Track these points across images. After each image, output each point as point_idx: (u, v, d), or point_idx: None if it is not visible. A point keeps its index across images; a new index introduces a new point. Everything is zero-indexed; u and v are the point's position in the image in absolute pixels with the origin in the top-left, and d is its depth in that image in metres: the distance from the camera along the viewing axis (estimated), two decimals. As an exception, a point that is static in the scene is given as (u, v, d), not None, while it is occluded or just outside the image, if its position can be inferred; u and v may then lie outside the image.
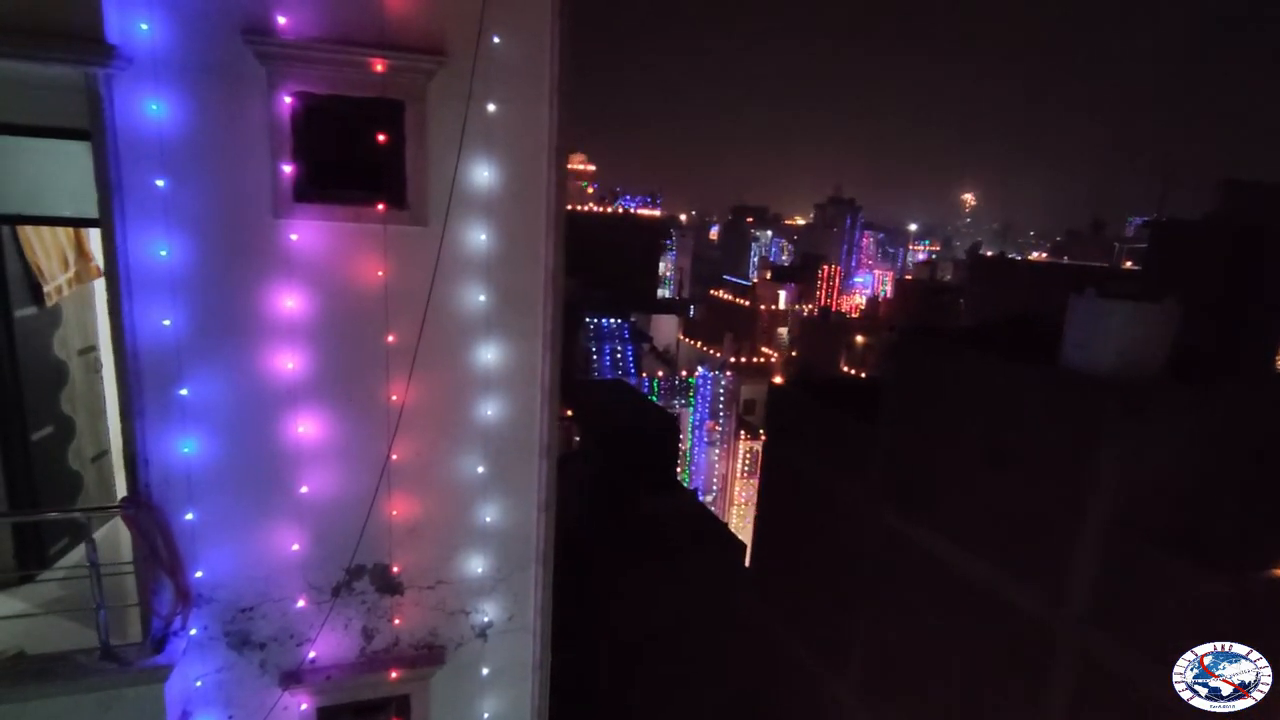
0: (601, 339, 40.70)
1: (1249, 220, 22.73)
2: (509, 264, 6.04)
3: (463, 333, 6.03)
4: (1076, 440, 11.30)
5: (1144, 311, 11.76)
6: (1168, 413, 11.13)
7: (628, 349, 40.54)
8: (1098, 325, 11.95)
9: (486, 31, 5.49)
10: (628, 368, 40.24)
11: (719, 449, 41.79)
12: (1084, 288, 12.12)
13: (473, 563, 6.55)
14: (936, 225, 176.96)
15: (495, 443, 6.34)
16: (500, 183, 5.88)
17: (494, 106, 5.71)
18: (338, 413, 5.86)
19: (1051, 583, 11.67)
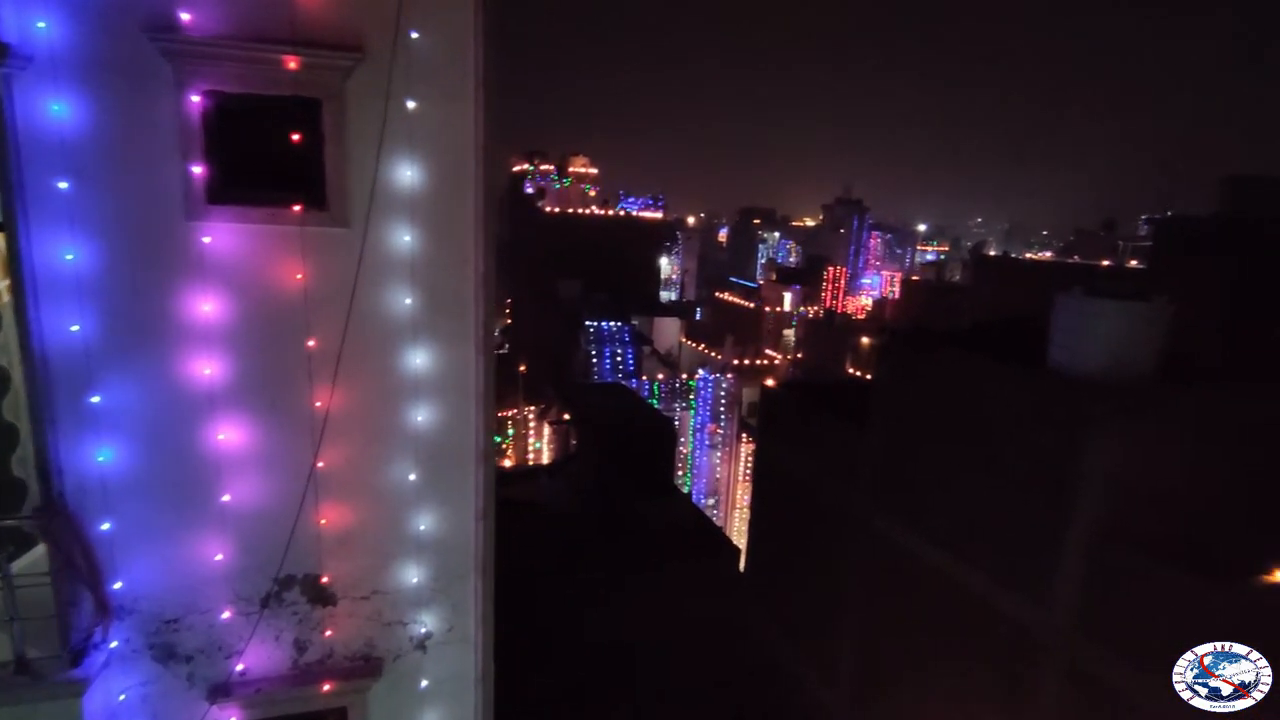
0: (602, 342, 40.55)
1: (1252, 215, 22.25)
2: (437, 266, 5.88)
3: (389, 337, 5.87)
4: (1062, 443, 11.01)
5: (1132, 310, 11.45)
6: (1156, 415, 10.83)
7: (628, 352, 40.37)
8: (1085, 325, 11.66)
9: (404, 27, 5.33)
10: (628, 371, 40.06)
11: (720, 452, 41.51)
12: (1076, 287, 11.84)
13: (408, 572, 6.38)
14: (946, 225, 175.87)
15: (428, 449, 6.17)
16: (425, 182, 5.72)
17: (416, 104, 5.55)
18: (260, 419, 5.71)
19: (1039, 590, 11.39)
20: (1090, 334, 11.55)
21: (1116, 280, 29.53)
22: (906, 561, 14.09)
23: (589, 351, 40.01)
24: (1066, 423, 10.95)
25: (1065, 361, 11.72)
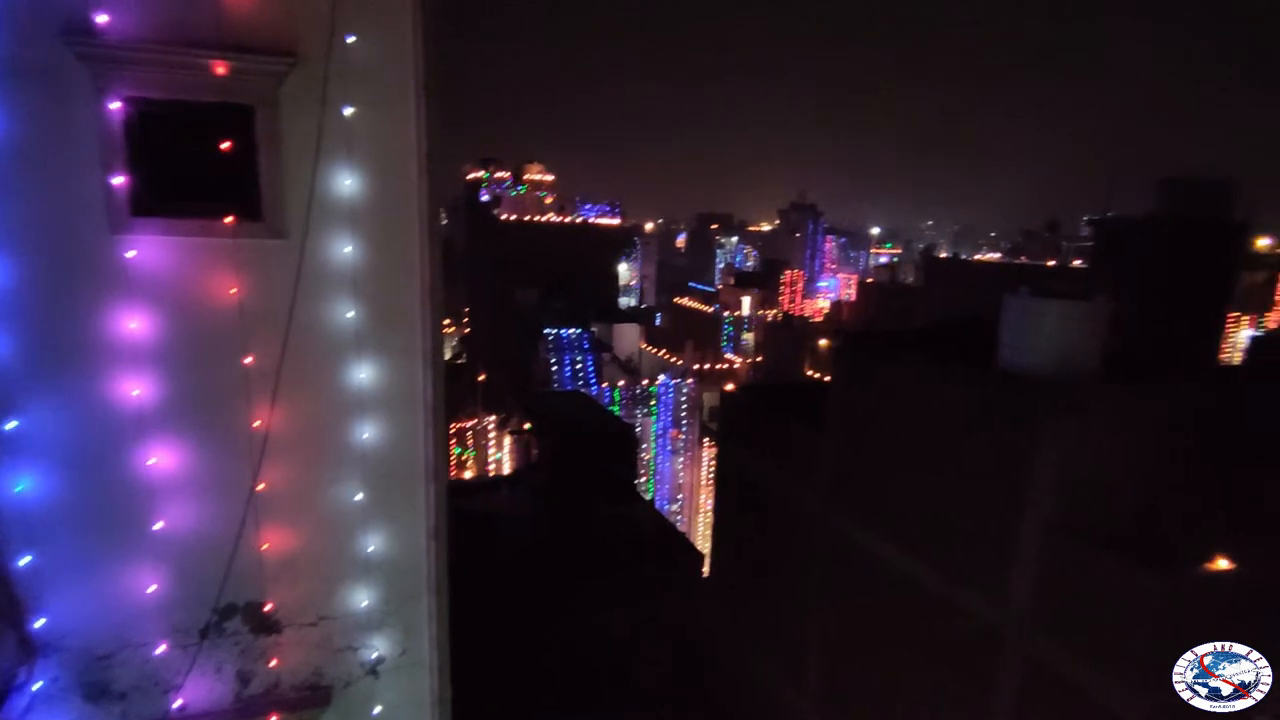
0: (561, 350, 40.26)
1: (1187, 215, 23.16)
2: (380, 277, 5.68)
3: (331, 351, 5.65)
4: (1013, 441, 11.21)
5: (1075, 309, 11.72)
6: (1102, 411, 11.09)
7: (588, 359, 40.16)
8: (1031, 325, 11.90)
9: (340, 30, 5.15)
10: (588, 378, 39.86)
11: (683, 457, 41.54)
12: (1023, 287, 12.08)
13: (357, 595, 6.15)
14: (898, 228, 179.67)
15: (375, 468, 5.95)
16: (366, 191, 5.52)
17: (354, 110, 5.36)
18: (194, 441, 5.44)
19: (995, 586, 11.56)
20: (1036, 333, 11.80)
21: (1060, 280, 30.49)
22: (867, 561, 14.21)
23: (548, 359, 39.70)
24: (1016, 420, 11.16)
25: (1013, 360, 11.95)
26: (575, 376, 40.18)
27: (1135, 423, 11.33)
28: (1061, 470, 10.71)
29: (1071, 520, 10.69)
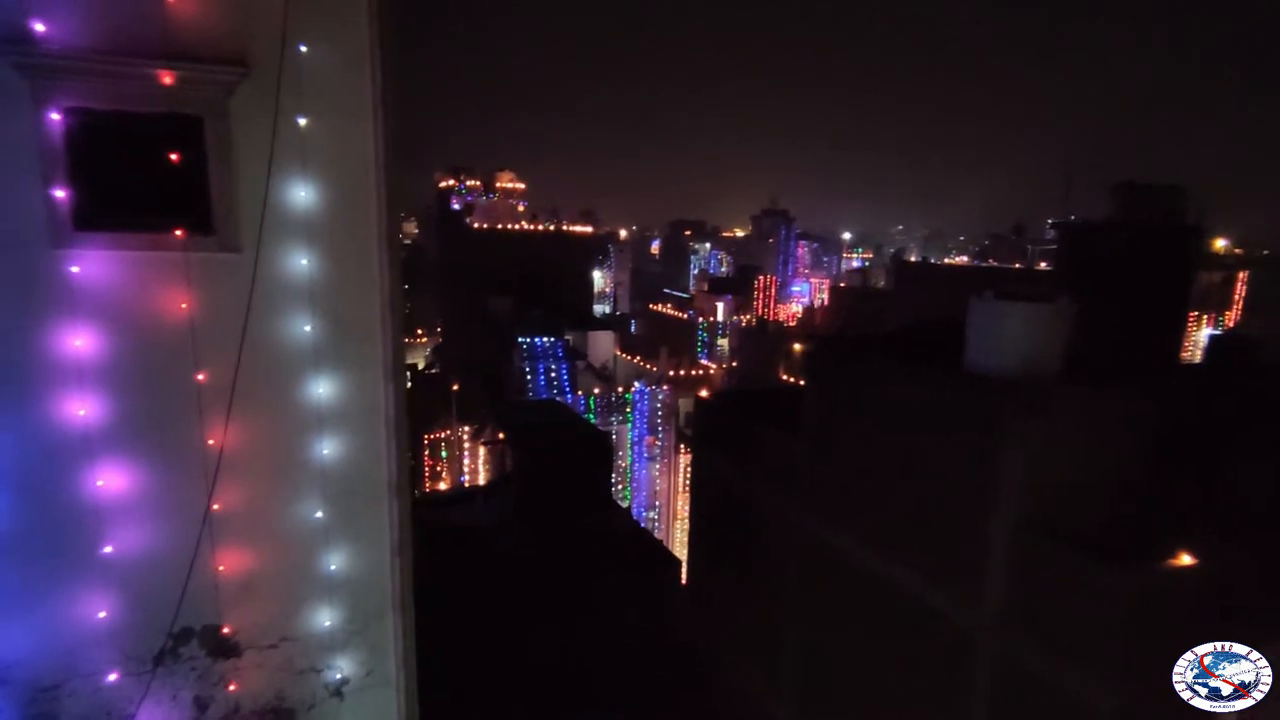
0: (535, 358, 40.06)
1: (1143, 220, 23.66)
2: (339, 290, 5.57)
3: (289, 367, 5.52)
4: (981, 442, 11.31)
5: (1039, 312, 11.88)
6: (1067, 411, 11.24)
7: (562, 367, 40.00)
8: (996, 327, 12.04)
9: (292, 40, 5.04)
10: (563, 386, 39.68)
11: (659, 464, 41.49)
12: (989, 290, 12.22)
13: (320, 615, 6.00)
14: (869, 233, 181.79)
15: (337, 484, 5.82)
16: (322, 203, 5.41)
17: (308, 120, 5.25)
18: (145, 461, 5.27)
19: (967, 586, 11.64)
20: (1001, 335, 11.94)
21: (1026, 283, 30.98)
22: (842, 565, 14.23)
23: (522, 368, 39.46)
24: (982, 421, 11.27)
25: (979, 362, 12.09)
26: (550, 385, 39.96)
27: (1099, 422, 11.52)
28: (1027, 470, 10.84)
29: (1039, 519, 10.81)
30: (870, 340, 17.92)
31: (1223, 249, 68.00)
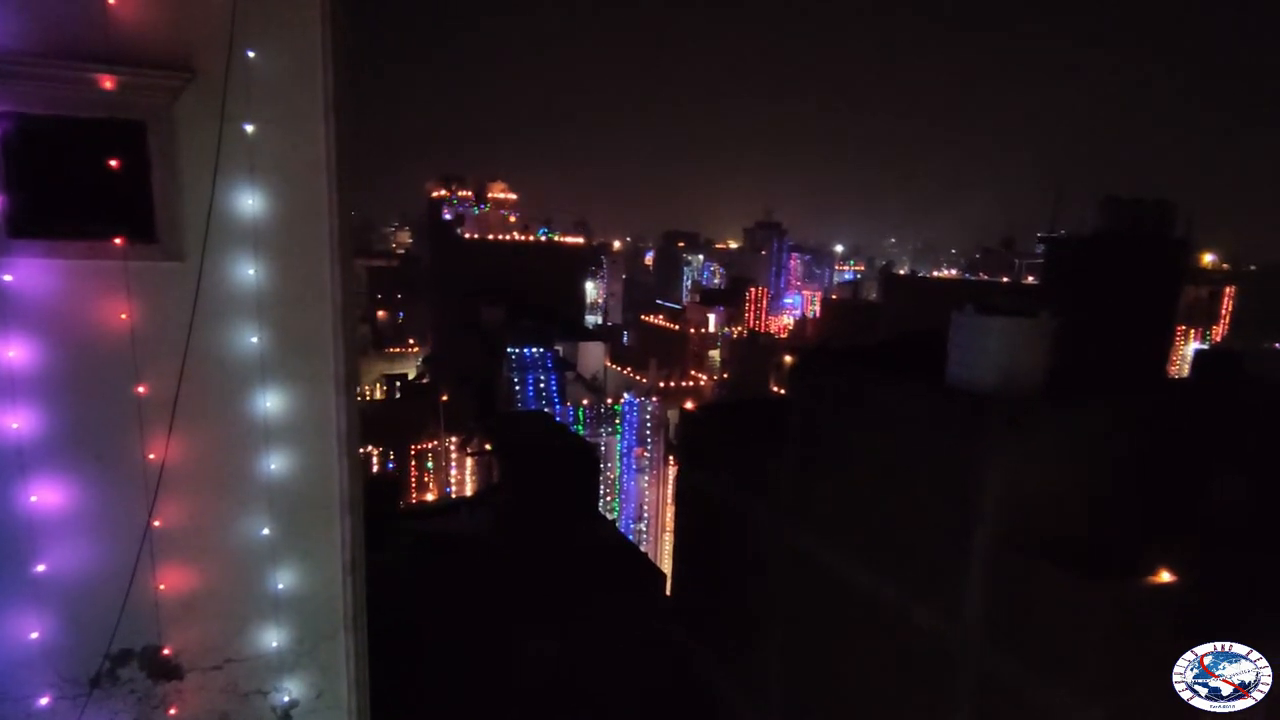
0: (524, 369, 39.89)
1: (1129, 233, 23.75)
2: (288, 301, 5.42)
3: (235, 379, 5.37)
4: (963, 456, 11.23)
5: (1020, 326, 11.83)
6: (1047, 426, 11.17)
7: (551, 378, 39.84)
8: (977, 341, 11.99)
9: (239, 44, 4.93)
10: (551, 397, 39.52)
11: (648, 476, 41.29)
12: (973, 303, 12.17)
13: (267, 636, 5.81)
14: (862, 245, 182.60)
15: (285, 500, 5.66)
16: (271, 211, 5.28)
17: (256, 127, 5.13)
18: (82, 476, 5.10)
19: (948, 600, 11.53)
20: (982, 349, 11.87)
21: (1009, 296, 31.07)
22: (827, 579, 14.08)
23: (511, 379, 39.28)
24: (962, 435, 11.19)
25: (961, 376, 12.01)
26: (539, 396, 39.78)
27: (1079, 437, 11.45)
28: (1007, 484, 10.75)
29: (1020, 533, 10.72)
30: (854, 352, 17.84)
31: (1210, 264, 68.50)
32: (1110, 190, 26.15)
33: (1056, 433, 11.28)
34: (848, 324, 61.37)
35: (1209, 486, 13.30)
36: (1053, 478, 11.13)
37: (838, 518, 13.86)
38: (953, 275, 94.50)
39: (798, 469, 15.02)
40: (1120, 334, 22.76)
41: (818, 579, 14.39)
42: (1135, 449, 11.83)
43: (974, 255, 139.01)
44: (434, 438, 40.53)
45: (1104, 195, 26.07)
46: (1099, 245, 25.52)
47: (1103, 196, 26.14)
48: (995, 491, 10.88)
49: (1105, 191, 25.18)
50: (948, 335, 12.58)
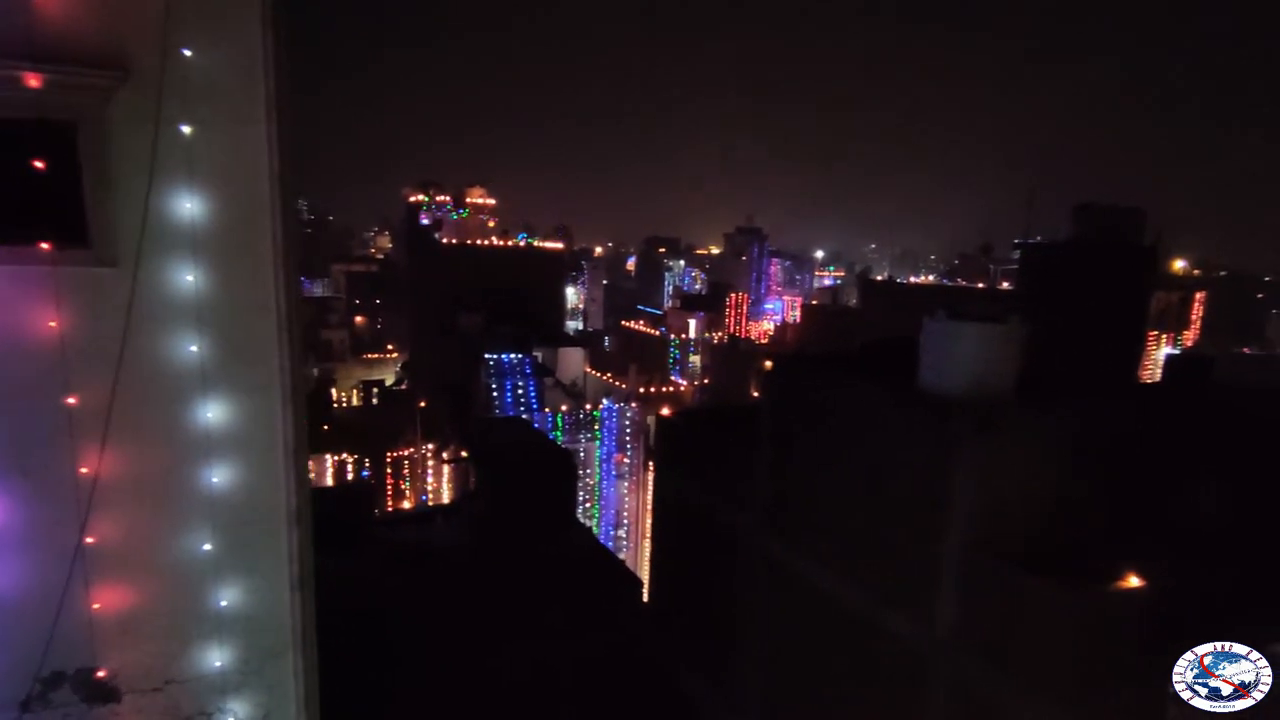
0: (503, 375, 39.59)
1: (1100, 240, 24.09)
2: (231, 308, 5.24)
3: (173, 389, 5.17)
4: (933, 462, 11.21)
5: (990, 332, 11.86)
6: (1017, 431, 11.19)
7: (530, 384, 39.59)
8: (947, 347, 12.00)
9: (174, 43, 4.75)
10: (530, 403, 39.26)
11: (628, 482, 41.12)
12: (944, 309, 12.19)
13: (210, 655, 5.60)
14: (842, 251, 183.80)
15: (228, 514, 5.46)
16: (211, 216, 5.10)
17: (194, 128, 4.95)
18: (7, 491, 4.88)
19: (921, 606, 11.49)
20: (953, 355, 11.89)
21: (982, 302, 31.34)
22: (801, 586, 14.02)
23: (490, 385, 38.98)
24: (933, 441, 11.17)
25: (932, 381, 12.02)
26: (517, 402, 39.48)
27: (1049, 441, 11.48)
28: (979, 489, 10.74)
29: (992, 539, 10.71)
30: (828, 358, 17.85)
31: (1181, 269, 69.73)
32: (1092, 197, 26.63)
33: (1027, 437, 11.29)
34: (827, 329, 61.66)
35: (1179, 490, 13.41)
36: (1023, 482, 11.13)
37: (812, 524, 13.80)
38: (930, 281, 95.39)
39: (772, 476, 14.96)
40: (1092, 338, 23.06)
41: (793, 586, 14.31)
42: (1105, 453, 11.88)
43: (952, 261, 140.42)
44: (411, 445, 40.12)
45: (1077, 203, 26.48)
46: (1071, 252, 25.91)
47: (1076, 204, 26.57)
48: (966, 496, 10.87)
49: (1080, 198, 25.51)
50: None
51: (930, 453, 11.22)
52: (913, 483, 11.48)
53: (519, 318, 50.18)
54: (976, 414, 10.82)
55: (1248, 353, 56.07)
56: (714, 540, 17.20)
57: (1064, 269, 25.41)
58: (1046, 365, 13.74)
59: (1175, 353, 48.75)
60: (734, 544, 16.12)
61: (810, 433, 13.86)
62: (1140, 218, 25.41)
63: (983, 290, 44.34)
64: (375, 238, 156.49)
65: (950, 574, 11.04)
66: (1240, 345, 63.55)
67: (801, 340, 67.94)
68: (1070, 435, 11.71)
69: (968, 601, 10.89)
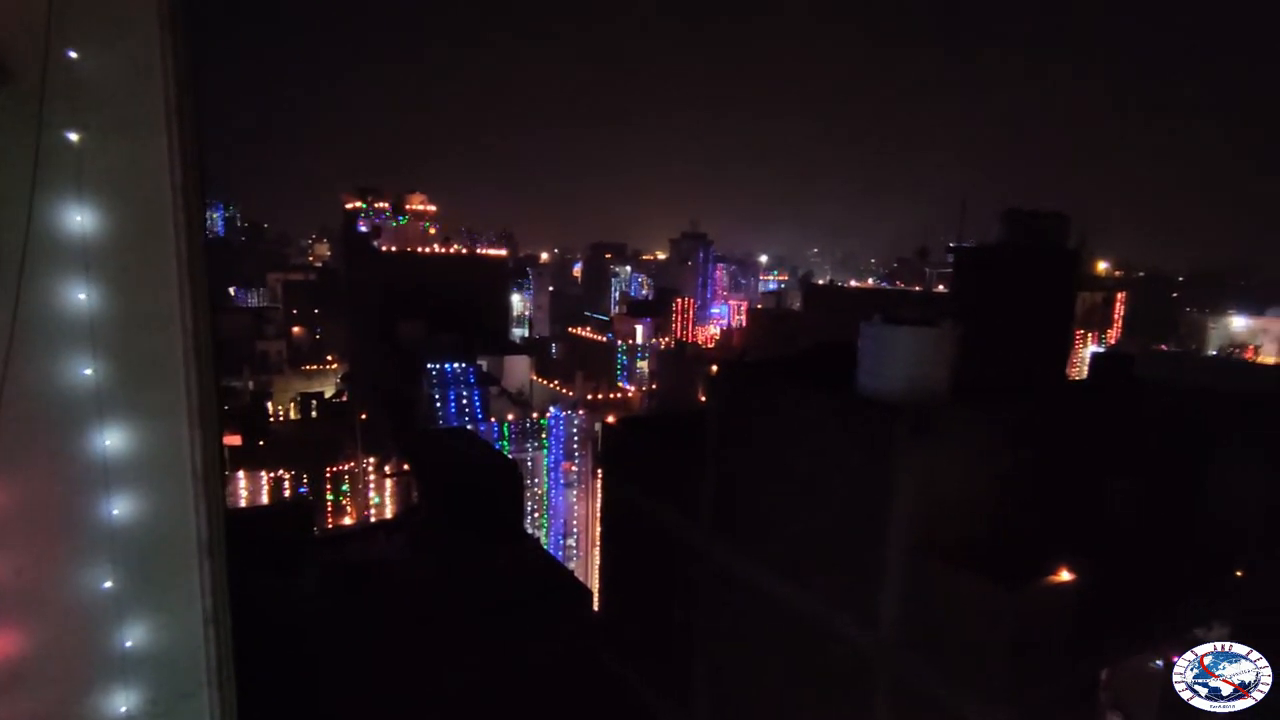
0: (445, 385, 38.82)
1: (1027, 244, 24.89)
2: (129, 326, 4.89)
3: (65, 415, 4.80)
4: (873, 464, 11.38)
5: (924, 335, 12.10)
6: (953, 432, 11.44)
7: (474, 393, 38.92)
8: (883, 350, 12.21)
9: (57, 45, 4.42)
10: (475, 413, 38.58)
11: (576, 490, 40.81)
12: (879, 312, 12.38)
13: (115, 700, 5.21)
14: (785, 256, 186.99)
15: (131, 547, 5.09)
16: (105, 229, 4.75)
17: (83, 135, 4.61)
18: (-125, 533, 4.44)
19: (865, 608, 11.63)
20: (889, 359, 12.11)
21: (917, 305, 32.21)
22: (749, 591, 14.09)
23: (432, 395, 38.17)
24: (871, 444, 11.35)
25: (870, 385, 12.22)
26: (461, 412, 38.74)
27: (984, 441, 11.78)
28: (917, 491, 10.94)
29: (931, 539, 10.91)
30: (770, 364, 18.03)
31: (1104, 271, 73.14)
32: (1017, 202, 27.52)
33: (962, 437, 11.56)
34: (771, 333, 62.50)
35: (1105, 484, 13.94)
36: (960, 482, 11.39)
37: (757, 529, 13.87)
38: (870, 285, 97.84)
39: (717, 482, 14.99)
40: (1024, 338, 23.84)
41: (740, 592, 14.36)
42: (1037, 450, 12.27)
43: (891, 265, 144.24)
44: (352, 459, 38.96)
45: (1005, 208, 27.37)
46: (1002, 255, 26.79)
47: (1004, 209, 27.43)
48: (905, 497, 11.05)
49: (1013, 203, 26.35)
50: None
51: (870, 456, 11.39)
52: (854, 485, 11.64)
53: (462, 326, 49.35)
54: (913, 417, 11.04)
55: (1165, 349, 59.14)
56: (662, 548, 17.15)
57: (995, 272, 26.18)
58: (980, 366, 14.14)
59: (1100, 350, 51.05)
60: (682, 551, 16.10)
61: (755, 438, 13.95)
62: (1064, 221, 26.37)
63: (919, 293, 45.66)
64: (314, 245, 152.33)
65: (892, 575, 11.21)
66: (1158, 343, 67.03)
67: (746, 344, 68.72)
68: (1005, 434, 12.06)
69: (909, 602, 11.07)
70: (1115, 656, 10.85)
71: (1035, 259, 25.30)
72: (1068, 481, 13.16)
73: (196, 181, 4.99)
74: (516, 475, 23.10)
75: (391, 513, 36.13)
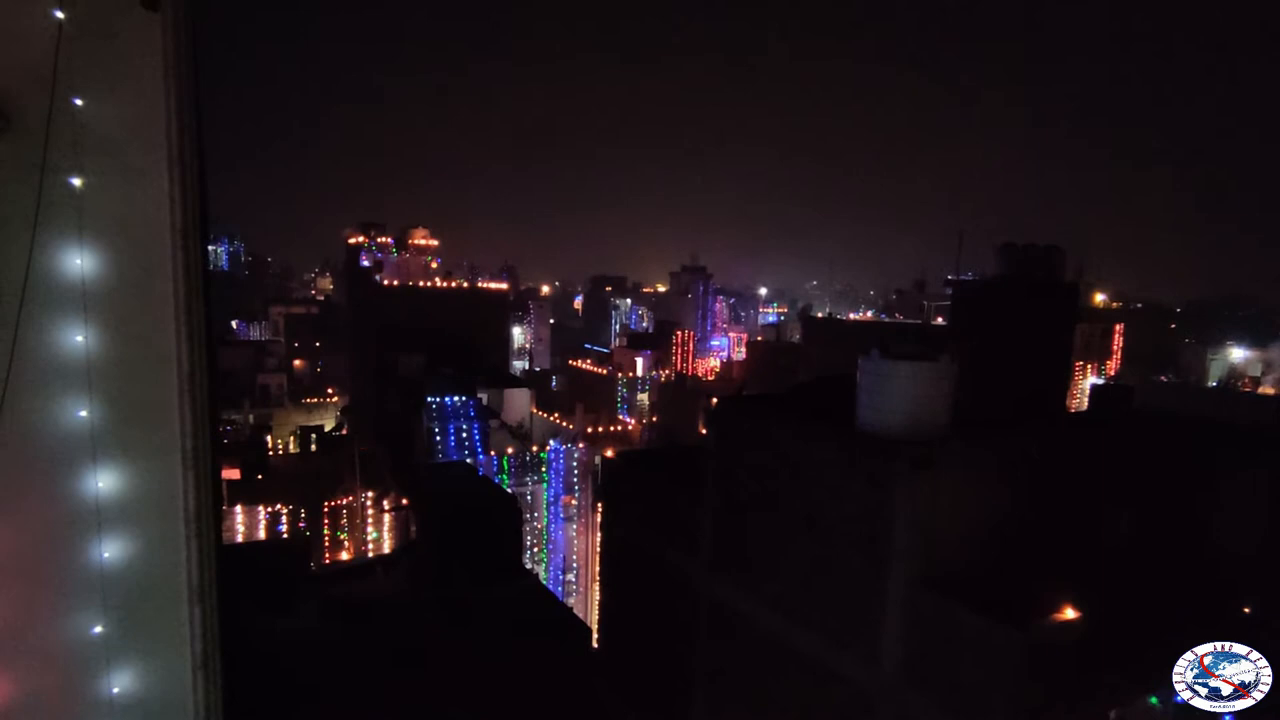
0: (445, 418, 38.67)
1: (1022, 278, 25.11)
2: (125, 368, 4.91)
3: (59, 456, 4.79)
4: (874, 500, 11.29)
5: (922, 369, 12.09)
6: (955, 466, 11.36)
7: (474, 427, 38.74)
8: (882, 385, 12.18)
9: (64, 93, 4.50)
10: (474, 446, 38.36)
11: (576, 524, 40.39)
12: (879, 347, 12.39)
13: (101, 747, 5.11)
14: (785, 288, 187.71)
15: (121, 592, 5.04)
16: (104, 272, 4.80)
17: (85, 180, 4.67)
18: None
19: (865, 646, 11.45)
20: (888, 393, 12.08)
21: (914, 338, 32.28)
22: (747, 628, 13.89)
23: (432, 429, 38.01)
24: (872, 480, 11.26)
25: (870, 420, 12.17)
26: (460, 446, 38.53)
27: (984, 475, 11.71)
28: (918, 526, 10.84)
29: (933, 574, 10.79)
30: (770, 398, 17.97)
31: (1101, 303, 73.32)
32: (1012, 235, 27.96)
33: (963, 471, 11.48)
34: (771, 366, 62.48)
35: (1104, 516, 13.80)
36: (960, 515, 11.28)
37: (756, 565, 13.71)
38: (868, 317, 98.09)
39: (718, 518, 14.87)
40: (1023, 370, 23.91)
41: (740, 629, 14.14)
42: (1038, 482, 12.18)
43: (889, 297, 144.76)
44: (350, 493, 38.68)
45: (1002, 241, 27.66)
46: (999, 288, 27.04)
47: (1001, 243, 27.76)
48: (906, 533, 10.93)
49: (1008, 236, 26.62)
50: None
51: (871, 491, 11.30)
52: (855, 521, 11.52)
53: (462, 359, 49.35)
54: (914, 452, 10.97)
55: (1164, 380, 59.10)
56: (662, 584, 16.93)
57: (993, 305, 26.36)
58: (980, 399, 14.11)
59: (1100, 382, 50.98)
60: (680, 587, 15.90)
61: (755, 474, 13.84)
62: (1060, 255, 26.70)
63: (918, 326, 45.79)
64: (316, 278, 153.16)
65: (894, 612, 11.05)
66: (1157, 374, 66.96)
67: (746, 376, 68.68)
68: (1006, 467, 11.98)
69: (912, 639, 10.89)
70: (1125, 695, 10.64)
71: (1035, 291, 25.57)
72: (1070, 513, 13.03)
73: (196, 224, 5.04)
74: (516, 509, 22.92)
75: (390, 548, 35.75)
